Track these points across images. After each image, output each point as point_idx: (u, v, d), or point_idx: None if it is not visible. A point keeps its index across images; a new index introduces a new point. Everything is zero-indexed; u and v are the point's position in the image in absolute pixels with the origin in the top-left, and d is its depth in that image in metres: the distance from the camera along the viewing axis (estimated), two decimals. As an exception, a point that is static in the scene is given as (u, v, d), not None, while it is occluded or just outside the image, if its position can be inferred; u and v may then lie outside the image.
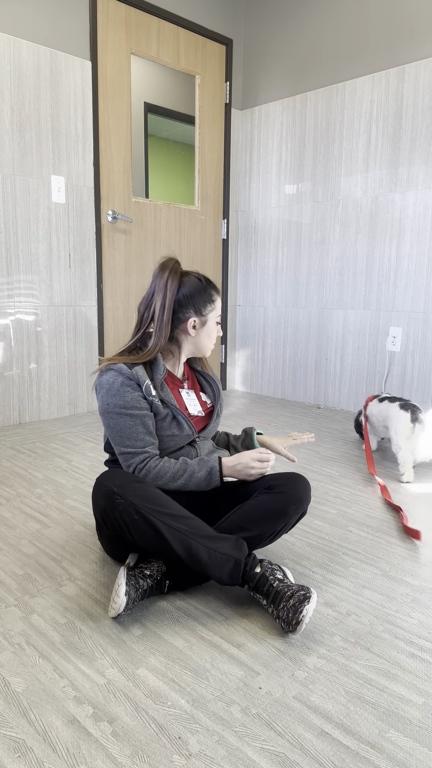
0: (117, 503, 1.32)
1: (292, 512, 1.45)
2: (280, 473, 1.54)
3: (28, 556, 1.65)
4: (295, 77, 3.63)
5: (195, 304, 1.54)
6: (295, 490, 1.47)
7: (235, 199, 4.05)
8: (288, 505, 1.45)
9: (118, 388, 1.46)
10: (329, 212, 3.55)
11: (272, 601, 1.32)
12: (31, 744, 0.98)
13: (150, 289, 1.55)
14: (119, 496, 1.32)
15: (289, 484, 1.48)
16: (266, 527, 1.44)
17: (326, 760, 0.97)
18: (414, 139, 3.12)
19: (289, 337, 3.86)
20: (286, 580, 1.36)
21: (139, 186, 4.41)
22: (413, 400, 3.27)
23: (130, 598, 1.31)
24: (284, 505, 1.44)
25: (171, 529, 1.31)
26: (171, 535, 1.31)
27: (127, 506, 1.31)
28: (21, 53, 2.87)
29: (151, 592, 1.39)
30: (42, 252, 3.09)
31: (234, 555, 1.34)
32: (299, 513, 1.48)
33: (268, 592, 1.33)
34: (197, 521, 1.37)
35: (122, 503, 1.31)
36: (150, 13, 3.35)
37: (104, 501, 1.35)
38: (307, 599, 1.27)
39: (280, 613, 1.29)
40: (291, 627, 1.27)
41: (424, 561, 1.67)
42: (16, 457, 2.55)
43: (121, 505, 1.32)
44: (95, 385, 1.52)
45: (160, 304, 1.51)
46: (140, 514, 1.31)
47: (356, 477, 2.39)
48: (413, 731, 1.03)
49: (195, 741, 1.00)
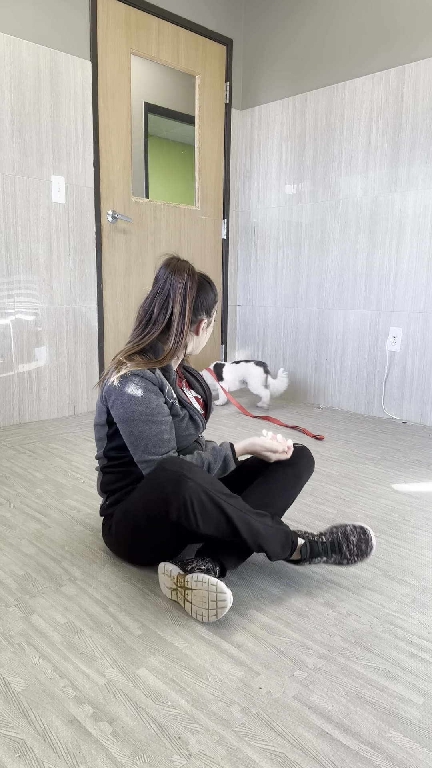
0: (189, 486, 1.33)
1: (305, 477, 1.64)
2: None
3: (28, 556, 1.65)
4: (295, 77, 3.63)
5: (207, 307, 1.56)
6: (304, 459, 1.63)
7: (235, 199, 4.05)
8: (302, 473, 1.62)
9: (143, 395, 1.45)
10: (329, 212, 3.55)
11: (334, 551, 1.48)
12: (31, 744, 0.98)
13: (161, 288, 1.51)
14: (190, 479, 1.34)
15: (297, 455, 1.63)
16: (287, 498, 1.59)
17: (326, 760, 0.97)
18: (414, 139, 3.12)
19: (289, 337, 3.86)
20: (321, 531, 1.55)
21: (139, 186, 4.41)
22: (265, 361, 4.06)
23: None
24: (298, 474, 1.61)
25: (233, 508, 1.36)
26: (234, 513, 1.36)
27: (197, 487, 1.34)
28: (21, 53, 2.87)
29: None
30: (42, 252, 3.09)
31: (283, 527, 1.46)
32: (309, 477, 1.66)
33: (326, 548, 1.49)
34: (242, 501, 1.43)
35: (192, 485, 1.33)
36: (150, 13, 3.35)
37: (173, 485, 1.35)
38: (362, 528, 1.49)
39: (349, 554, 1.48)
40: (367, 547, 1.48)
41: (424, 561, 1.67)
42: (16, 457, 2.55)
43: (192, 487, 1.33)
44: (114, 389, 1.47)
45: (179, 309, 1.49)
46: (207, 494, 1.34)
47: (356, 477, 2.39)
48: (413, 731, 1.03)
49: (195, 741, 1.00)
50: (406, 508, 2.07)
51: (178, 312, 1.50)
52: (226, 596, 1.30)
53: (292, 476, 1.60)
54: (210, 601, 1.31)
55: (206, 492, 1.34)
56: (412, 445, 2.86)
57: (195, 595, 1.34)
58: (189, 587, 1.35)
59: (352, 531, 1.50)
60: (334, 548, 1.48)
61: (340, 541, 1.49)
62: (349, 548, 1.48)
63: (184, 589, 1.37)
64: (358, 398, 3.55)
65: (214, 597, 1.31)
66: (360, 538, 1.48)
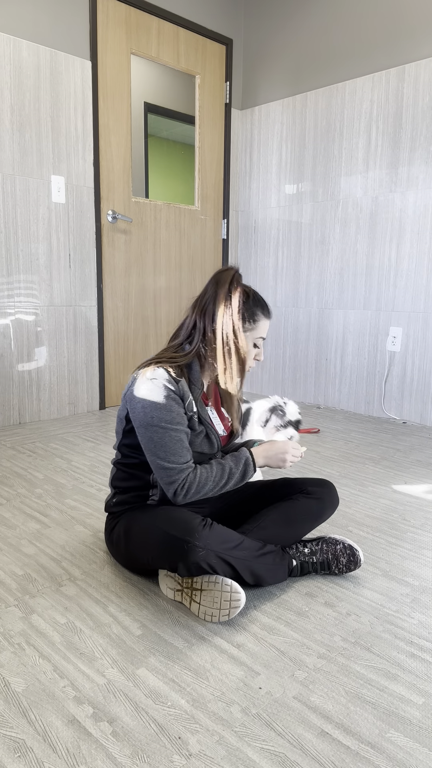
0: (198, 554, 1.31)
1: (327, 516, 1.62)
2: (312, 479, 1.65)
3: (28, 556, 1.65)
4: (295, 77, 3.63)
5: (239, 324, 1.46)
6: (331, 497, 1.62)
7: (235, 199, 4.05)
8: (326, 510, 1.61)
9: (164, 401, 1.40)
10: (329, 212, 3.55)
11: (324, 569, 1.55)
12: (31, 744, 0.98)
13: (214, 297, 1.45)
14: (199, 547, 1.31)
15: (325, 491, 1.62)
16: (306, 527, 1.58)
17: (326, 760, 0.97)
18: (414, 139, 3.12)
19: (289, 337, 3.86)
20: (312, 548, 1.56)
21: (139, 186, 4.41)
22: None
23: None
24: (322, 510, 1.60)
25: (239, 561, 1.37)
26: (239, 565, 1.37)
27: (206, 554, 1.32)
28: (21, 53, 2.87)
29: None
30: (42, 252, 3.09)
31: (284, 563, 1.49)
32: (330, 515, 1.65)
33: (315, 567, 1.54)
34: (247, 541, 1.42)
35: (202, 554, 1.31)
36: (150, 13, 3.35)
37: (180, 553, 1.32)
38: (352, 549, 1.54)
39: (337, 571, 1.55)
40: (354, 567, 1.54)
41: (424, 561, 1.67)
42: (16, 457, 2.55)
43: (201, 555, 1.31)
44: (134, 388, 1.44)
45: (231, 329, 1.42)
46: (216, 555, 1.34)
47: (356, 477, 2.39)
48: (413, 731, 1.03)
49: (195, 741, 1.00)
50: (406, 508, 2.07)
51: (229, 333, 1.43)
52: (240, 596, 1.31)
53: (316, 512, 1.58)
54: (223, 602, 1.32)
55: (216, 554, 1.33)
56: (412, 445, 2.86)
57: (205, 596, 1.34)
58: (198, 588, 1.35)
59: (342, 552, 1.55)
60: (324, 567, 1.55)
61: (330, 562, 1.55)
62: (338, 567, 1.56)
63: (191, 590, 1.36)
64: (358, 398, 3.55)
65: (228, 597, 1.32)
66: (350, 560, 1.55)
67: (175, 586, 1.42)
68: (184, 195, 4.22)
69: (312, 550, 1.55)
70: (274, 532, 1.50)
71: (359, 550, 1.55)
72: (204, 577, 1.35)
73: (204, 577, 1.35)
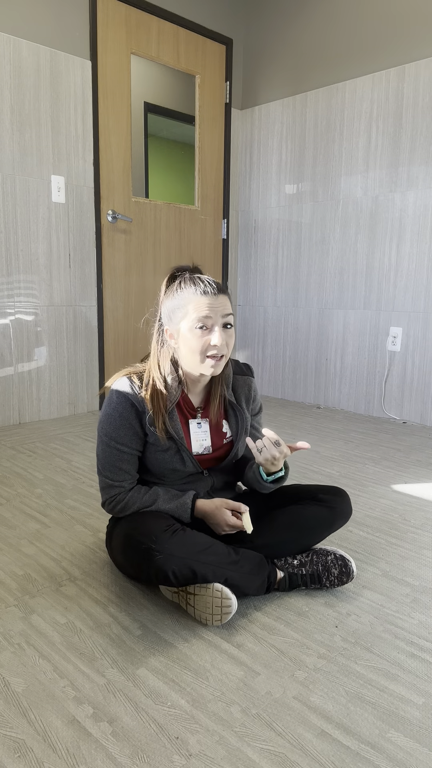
0: (157, 559, 1.26)
1: (338, 526, 1.54)
2: (325, 486, 1.56)
3: (28, 556, 1.65)
4: (295, 77, 3.63)
5: (168, 310, 1.38)
6: (343, 506, 1.53)
7: (235, 199, 4.05)
8: (337, 520, 1.52)
9: (114, 415, 1.38)
10: (329, 212, 3.55)
11: (314, 582, 1.46)
12: (31, 744, 0.98)
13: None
14: (157, 551, 1.26)
15: (338, 500, 1.52)
16: (315, 536, 1.50)
17: (326, 760, 0.97)
18: (414, 139, 3.12)
19: (289, 337, 3.86)
20: (302, 559, 1.47)
21: (139, 186, 4.41)
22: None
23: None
24: (333, 520, 1.51)
25: (206, 566, 1.29)
26: (207, 571, 1.30)
27: (168, 559, 1.26)
28: (21, 53, 2.87)
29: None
30: (42, 252, 3.09)
31: (260, 572, 1.40)
32: (342, 525, 1.56)
33: (305, 580, 1.46)
34: (219, 545, 1.35)
35: (161, 558, 1.26)
36: (150, 12, 3.35)
37: (141, 558, 1.29)
38: (344, 559, 1.46)
39: (328, 584, 1.46)
40: (347, 579, 1.46)
41: (424, 561, 1.67)
42: (16, 457, 2.55)
43: (160, 560, 1.26)
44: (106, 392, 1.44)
45: (166, 317, 1.39)
46: (183, 563, 1.27)
47: (356, 477, 2.39)
48: (413, 731, 1.03)
49: (195, 741, 1.00)
50: (406, 508, 2.07)
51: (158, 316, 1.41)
52: (231, 602, 1.29)
53: (325, 521, 1.49)
54: (214, 607, 1.30)
55: (179, 559, 1.27)
56: (412, 445, 2.86)
57: (198, 600, 1.33)
58: (191, 592, 1.34)
59: (333, 563, 1.46)
60: (314, 580, 1.46)
61: (320, 574, 1.46)
62: (329, 579, 1.46)
63: (186, 594, 1.36)
64: (358, 398, 3.55)
65: (219, 603, 1.30)
66: (341, 571, 1.46)
67: (173, 588, 1.41)
68: (184, 195, 4.22)
69: (301, 562, 1.46)
70: (278, 538, 1.45)
71: (352, 561, 1.46)
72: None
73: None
